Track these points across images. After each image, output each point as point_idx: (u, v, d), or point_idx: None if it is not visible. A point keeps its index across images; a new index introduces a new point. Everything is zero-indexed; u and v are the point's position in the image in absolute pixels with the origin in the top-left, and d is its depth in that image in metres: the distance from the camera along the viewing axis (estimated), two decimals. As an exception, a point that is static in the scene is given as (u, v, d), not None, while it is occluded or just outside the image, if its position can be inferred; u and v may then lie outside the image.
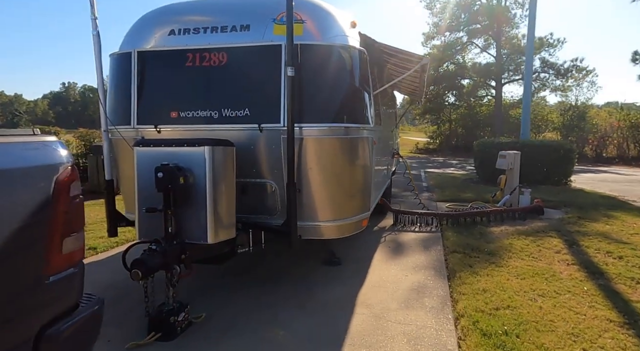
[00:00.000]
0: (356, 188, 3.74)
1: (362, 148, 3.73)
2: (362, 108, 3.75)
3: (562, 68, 23.51)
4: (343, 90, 3.55)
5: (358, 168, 3.71)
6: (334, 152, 3.48)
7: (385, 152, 6.03)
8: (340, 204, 3.61)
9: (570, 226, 5.86)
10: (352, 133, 3.59)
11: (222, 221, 2.96)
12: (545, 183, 10.11)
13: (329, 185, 3.50)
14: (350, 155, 3.61)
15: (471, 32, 24.61)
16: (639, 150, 20.26)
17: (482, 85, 26.14)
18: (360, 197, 3.81)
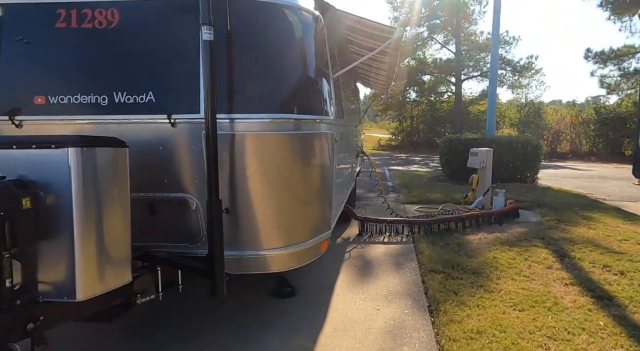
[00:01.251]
0: (313, 201, 2.80)
1: (319, 147, 2.80)
2: (319, 95, 2.82)
3: (518, 65, 23.91)
4: (293, 68, 2.59)
5: (315, 175, 2.77)
6: (281, 153, 2.52)
7: (349, 151, 5.15)
8: (292, 224, 2.66)
9: (552, 232, 5.27)
10: (306, 127, 2.65)
11: (105, 262, 1.93)
12: (512, 181, 9.73)
13: (276, 199, 2.54)
14: (304, 158, 2.67)
15: (431, 27, 24.45)
16: (590, 145, 20.94)
17: (443, 81, 26.15)
18: (319, 213, 2.88)
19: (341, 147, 4.13)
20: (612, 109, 20.05)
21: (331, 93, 3.00)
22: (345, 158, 4.57)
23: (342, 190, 4.36)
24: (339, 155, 3.91)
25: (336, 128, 3.36)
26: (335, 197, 3.49)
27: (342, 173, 4.15)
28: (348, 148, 5.04)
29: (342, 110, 4.06)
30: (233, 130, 2.38)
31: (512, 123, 24.34)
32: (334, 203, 3.32)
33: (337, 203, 3.62)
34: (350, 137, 5.44)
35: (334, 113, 3.17)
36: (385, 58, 4.59)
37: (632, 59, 17.77)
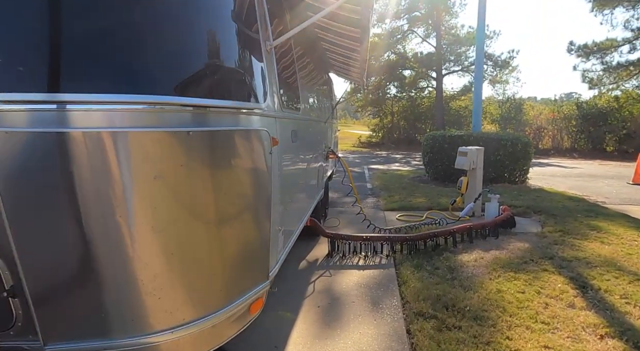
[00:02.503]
0: (235, 241, 1.73)
1: (244, 153, 1.74)
2: (240, 70, 1.75)
3: (500, 59, 23.39)
4: (184, 18, 1.51)
5: (236, 198, 1.70)
6: (171, 165, 1.45)
7: (313, 153, 4.10)
8: (196, 285, 1.59)
9: (560, 249, 4.38)
10: (217, 121, 1.58)
11: None
12: (500, 182, 8.92)
13: (163, 245, 1.47)
14: (214, 172, 1.60)
15: (412, 19, 23.62)
16: (572, 141, 20.58)
17: (424, 76, 25.41)
18: (246, 259, 1.81)
19: (300, 148, 3.08)
20: (594, 104, 19.71)
21: (266, 71, 1.94)
22: (306, 163, 3.52)
23: (300, 205, 3.31)
24: (295, 159, 2.86)
25: (282, 124, 2.30)
26: (284, 221, 2.44)
27: (298, 184, 3.09)
28: (312, 149, 4.00)
29: (297, 99, 3.00)
30: (70, 124, 1.29)
31: (494, 119, 23.82)
32: (279, 233, 2.26)
33: (286, 230, 2.56)
34: (316, 135, 4.40)
35: (276, 102, 2.11)
36: (354, 33, 3.55)
37: (614, 53, 17.40)
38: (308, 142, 3.57)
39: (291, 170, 2.67)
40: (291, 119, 2.62)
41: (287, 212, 2.55)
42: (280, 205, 2.23)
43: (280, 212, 2.27)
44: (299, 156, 3.01)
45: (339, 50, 4.76)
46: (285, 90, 2.55)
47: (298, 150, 2.93)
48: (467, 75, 25.10)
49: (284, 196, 2.36)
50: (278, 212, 2.17)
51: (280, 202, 2.22)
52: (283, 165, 2.32)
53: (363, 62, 4.56)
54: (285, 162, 2.44)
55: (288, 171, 2.54)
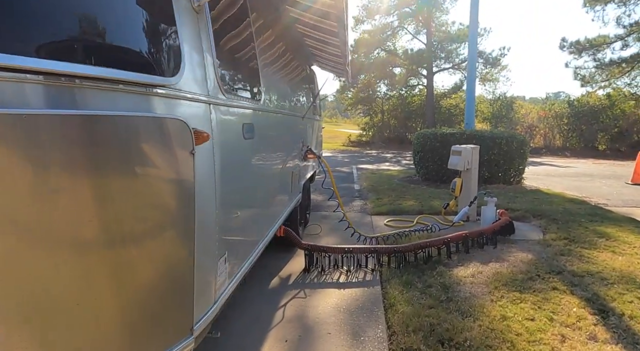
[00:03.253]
0: (123, 288, 1.14)
1: (140, 157, 1.14)
2: (139, 25, 1.15)
3: (491, 57, 23.03)
4: None
5: (124, 226, 1.11)
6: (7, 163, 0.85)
7: (284, 153, 3.52)
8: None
9: (568, 261, 3.86)
10: (82, 101, 0.98)
11: None
12: (495, 182, 8.44)
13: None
14: (84, 183, 1.00)
15: (402, 16, 23.14)
16: (564, 140, 20.31)
17: (414, 73, 24.95)
18: (150, 313, 1.22)
19: (260, 146, 2.49)
20: (586, 102, 19.45)
21: (186, 35, 1.35)
22: (273, 164, 2.93)
23: (263, 215, 2.73)
24: (251, 160, 2.27)
25: (224, 114, 1.71)
26: (231, 241, 1.85)
27: (257, 190, 2.50)
28: (282, 148, 3.41)
29: (255, 84, 2.41)
30: None
31: (485, 117, 23.49)
32: (219, 260, 1.67)
33: (238, 251, 1.97)
34: (289, 132, 3.82)
35: (210, 83, 1.52)
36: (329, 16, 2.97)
37: (607, 50, 17.10)
38: (275, 140, 2.98)
39: (244, 174, 2.08)
40: (243, 109, 2.03)
41: (238, 227, 1.96)
42: (222, 221, 1.64)
43: (223, 230, 1.68)
44: (259, 156, 2.42)
45: (318, 44, 4.20)
46: (234, 70, 1.96)
47: (256, 148, 2.34)
48: (458, 72, 24.73)
49: (229, 208, 1.78)
50: (214, 231, 1.58)
51: (221, 217, 1.63)
52: (227, 168, 1.73)
53: (344, 56, 3.99)
54: (233, 164, 1.85)
55: (238, 175, 1.95)
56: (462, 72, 24.22)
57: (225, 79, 1.77)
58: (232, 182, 1.83)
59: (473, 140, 8.22)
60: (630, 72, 17.55)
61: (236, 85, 1.96)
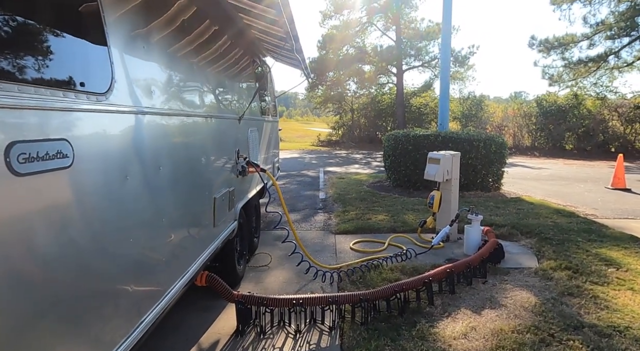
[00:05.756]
0: None
1: None
2: None
3: (460, 55, 22.66)
4: None
5: None
6: None
7: (192, 177, 2.44)
8: None
9: (580, 306, 3.01)
10: None
11: None
12: (472, 189, 7.67)
13: None
14: None
15: (371, 11, 22.33)
16: (532, 139, 20.20)
17: (384, 71, 24.25)
18: None
19: (109, 172, 1.41)
20: (553, 102, 19.37)
21: None
22: (144, 197, 1.85)
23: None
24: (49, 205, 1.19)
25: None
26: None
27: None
28: (182, 167, 2.33)
29: (96, 62, 1.33)
30: None
31: (454, 117, 23.14)
32: None
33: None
34: (205, 142, 2.72)
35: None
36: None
37: (574, 48, 16.98)
38: (154, 157, 1.90)
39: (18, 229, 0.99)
40: (12, 109, 0.94)
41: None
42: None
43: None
44: (87, 197, 1.34)
45: (255, 22, 3.14)
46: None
47: (74, 185, 1.25)
48: (427, 70, 24.26)
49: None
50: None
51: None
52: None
53: (290, 39, 2.94)
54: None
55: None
56: (432, 70, 23.78)
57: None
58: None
59: (449, 144, 7.41)
60: (596, 71, 17.53)
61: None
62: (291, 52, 3.45)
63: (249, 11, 3.00)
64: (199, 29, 2.61)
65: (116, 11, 1.61)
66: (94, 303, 1.40)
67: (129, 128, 1.65)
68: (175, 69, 2.26)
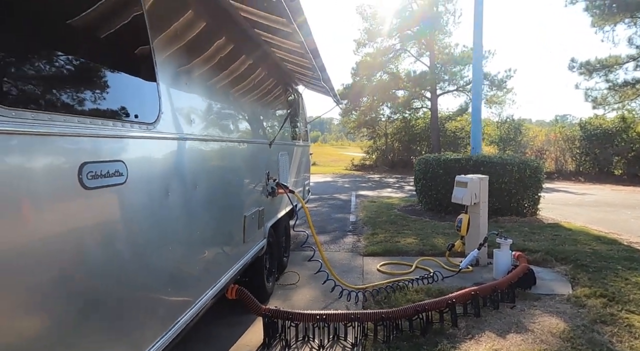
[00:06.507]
0: None
1: None
2: None
3: (496, 79, 22.38)
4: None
5: None
6: None
7: (225, 196, 2.69)
8: None
9: (613, 334, 2.91)
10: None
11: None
12: (506, 214, 7.49)
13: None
14: None
15: (404, 38, 22.75)
16: (576, 164, 19.28)
17: (418, 96, 24.36)
18: None
19: (154, 190, 1.66)
20: (598, 125, 18.52)
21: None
22: (187, 213, 2.09)
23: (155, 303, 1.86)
24: (110, 216, 1.44)
25: (18, 151, 0.89)
26: None
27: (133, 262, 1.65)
28: (217, 186, 2.58)
29: (149, 92, 1.61)
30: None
31: (492, 140, 22.62)
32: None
33: None
34: (239, 165, 2.99)
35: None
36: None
37: (619, 70, 16.31)
38: (195, 177, 2.15)
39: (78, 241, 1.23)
40: (84, 136, 1.21)
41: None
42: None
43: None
44: (136, 207, 1.59)
45: (288, 56, 3.46)
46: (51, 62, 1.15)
47: (130, 196, 1.51)
48: (462, 95, 24.06)
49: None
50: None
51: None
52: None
53: (315, 70, 3.21)
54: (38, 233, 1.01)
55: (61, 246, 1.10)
56: (467, 94, 23.57)
57: (9, 78, 0.97)
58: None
59: (480, 168, 7.35)
60: (645, 93, 16.69)
61: (52, 89, 1.16)
62: (319, 81, 3.72)
63: (279, 46, 3.32)
64: (235, 63, 2.93)
65: (164, 53, 1.92)
66: (136, 302, 1.63)
67: (171, 152, 1.92)
68: (212, 100, 2.56)
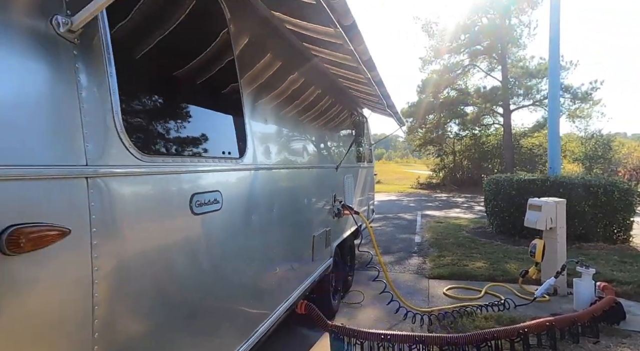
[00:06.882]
0: None
1: None
2: None
3: (579, 91, 20.63)
4: None
5: None
6: None
7: (297, 217, 2.93)
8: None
9: None
10: None
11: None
12: (592, 240, 6.86)
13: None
14: None
15: (473, 53, 22.09)
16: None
17: (488, 112, 23.30)
18: None
19: (245, 214, 1.94)
20: None
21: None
22: (266, 233, 2.36)
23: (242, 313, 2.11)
24: (210, 238, 1.72)
25: (144, 187, 1.20)
26: None
27: (225, 276, 1.92)
28: (290, 209, 2.83)
29: (238, 133, 1.91)
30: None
31: (576, 158, 20.74)
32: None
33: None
34: (308, 188, 3.23)
35: (114, 138, 1.04)
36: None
37: None
38: (272, 203, 2.41)
39: (183, 259, 1.52)
40: (192, 173, 1.51)
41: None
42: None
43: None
44: (229, 230, 1.86)
45: (353, 85, 3.69)
46: (167, 115, 1.47)
47: (224, 221, 1.78)
48: (539, 109, 22.53)
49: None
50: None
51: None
52: (133, 265, 1.19)
53: (379, 98, 3.40)
54: (155, 253, 1.30)
55: (165, 262, 1.39)
56: (544, 109, 22.03)
57: (144, 131, 1.29)
58: (142, 277, 1.28)
59: (559, 189, 6.87)
60: None
61: (173, 138, 1.47)
62: (384, 107, 3.89)
63: (346, 77, 3.57)
64: (307, 96, 3.22)
65: (250, 95, 2.24)
66: (226, 309, 1.89)
67: (253, 180, 2.21)
68: (286, 130, 2.86)
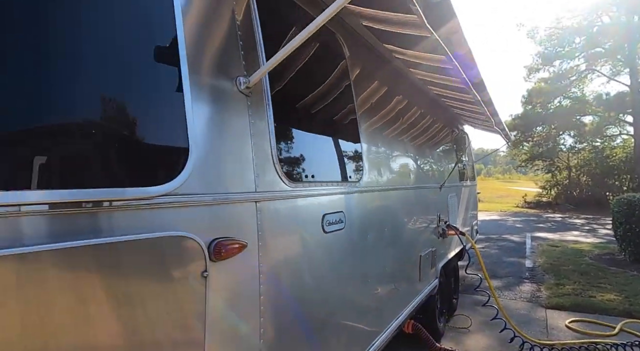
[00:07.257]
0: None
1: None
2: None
3: None
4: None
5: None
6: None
7: (405, 237, 2.98)
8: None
9: None
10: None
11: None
12: None
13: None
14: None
15: (591, 57, 19.66)
16: None
17: (613, 121, 20.34)
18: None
19: (362, 235, 2.09)
20: None
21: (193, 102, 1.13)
22: (380, 251, 2.46)
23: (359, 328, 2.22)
24: (338, 255, 1.88)
25: (291, 209, 1.42)
26: None
27: (354, 290, 2.07)
28: (401, 230, 2.89)
29: (356, 158, 2.08)
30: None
31: None
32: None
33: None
34: (415, 209, 3.25)
35: (272, 170, 1.28)
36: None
37: None
38: (385, 223, 2.51)
39: (322, 273, 1.70)
40: (323, 196, 1.71)
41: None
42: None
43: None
44: (352, 248, 2.01)
45: (457, 103, 3.66)
46: (306, 148, 1.68)
47: (348, 240, 1.94)
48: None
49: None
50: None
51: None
52: (286, 275, 1.40)
53: (487, 116, 3.31)
54: (299, 267, 1.51)
55: (312, 276, 1.59)
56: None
57: (290, 162, 1.51)
58: (299, 286, 1.47)
59: None
60: None
61: (310, 166, 1.67)
62: (491, 124, 3.76)
63: (450, 97, 3.56)
64: (412, 119, 3.30)
65: (364, 122, 2.40)
66: (347, 323, 2.03)
67: (367, 202, 2.35)
68: (394, 153, 2.96)
